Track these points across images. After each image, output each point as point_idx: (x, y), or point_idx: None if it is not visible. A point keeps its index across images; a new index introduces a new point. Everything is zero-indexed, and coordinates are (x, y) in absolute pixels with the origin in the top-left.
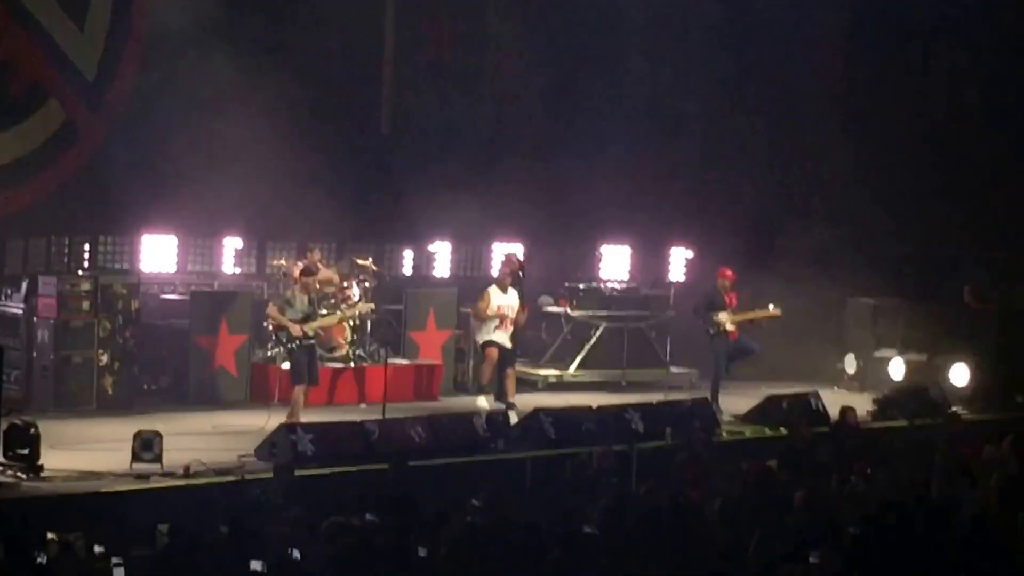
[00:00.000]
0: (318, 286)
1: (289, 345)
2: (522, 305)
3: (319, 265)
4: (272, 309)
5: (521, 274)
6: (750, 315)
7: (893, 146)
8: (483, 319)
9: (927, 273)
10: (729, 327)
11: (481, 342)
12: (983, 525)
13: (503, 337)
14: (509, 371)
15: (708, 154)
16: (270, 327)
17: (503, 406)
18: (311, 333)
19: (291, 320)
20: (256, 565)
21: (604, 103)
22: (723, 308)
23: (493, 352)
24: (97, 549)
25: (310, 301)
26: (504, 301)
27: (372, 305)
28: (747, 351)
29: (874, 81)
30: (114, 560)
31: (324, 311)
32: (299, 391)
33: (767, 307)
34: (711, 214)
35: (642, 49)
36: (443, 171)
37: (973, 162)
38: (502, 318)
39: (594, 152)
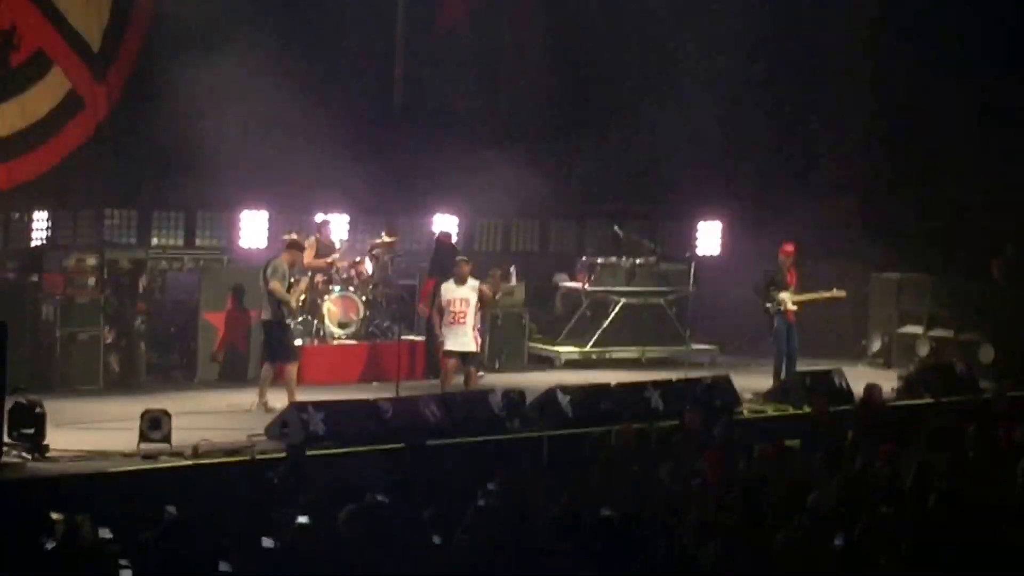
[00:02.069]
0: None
1: (288, 320)
2: (483, 299)
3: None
4: (277, 285)
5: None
6: (813, 296)
7: (922, 117)
8: (426, 316)
9: (954, 248)
10: (790, 307)
11: (443, 349)
12: (1013, 505)
13: (454, 343)
14: (467, 368)
15: (731, 126)
16: (267, 302)
17: None
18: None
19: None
20: (267, 542)
21: (621, 74)
22: (785, 286)
23: (448, 363)
24: (103, 533)
25: (289, 275)
26: (455, 295)
27: (306, 280)
28: (791, 345)
29: (906, 48)
30: (122, 562)
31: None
32: (295, 368)
33: (831, 289)
34: (737, 187)
35: (662, 20)
36: (457, 144)
37: (1004, 135)
38: (454, 314)
39: (610, 124)
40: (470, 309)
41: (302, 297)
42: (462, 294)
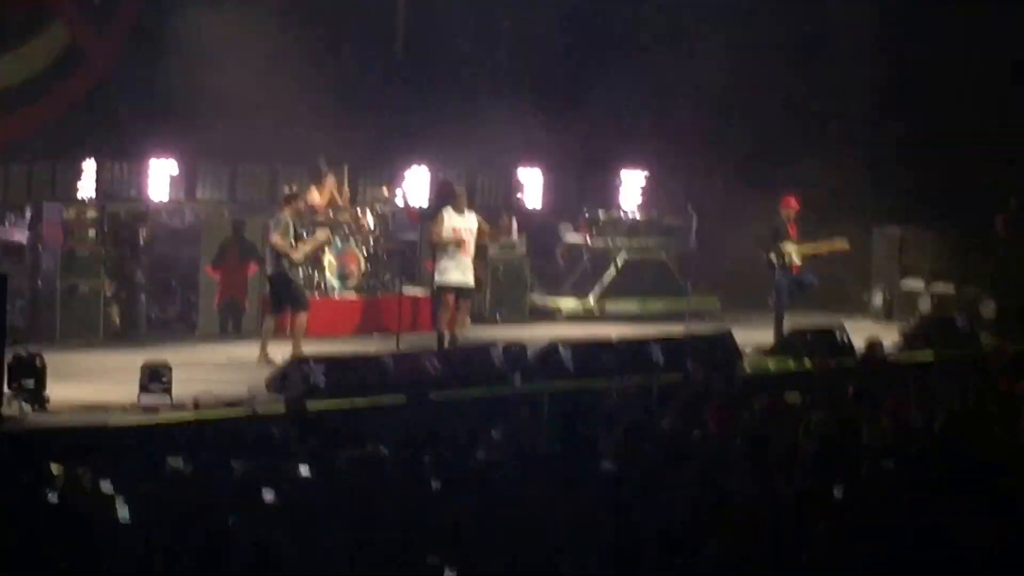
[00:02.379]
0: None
1: (291, 272)
2: (482, 230)
3: (326, 186)
4: (276, 238)
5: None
6: (817, 247)
7: (923, 69)
8: (438, 243)
9: (956, 202)
10: (795, 259)
11: (436, 285)
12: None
13: (458, 274)
14: (462, 303)
15: (735, 79)
16: (269, 255)
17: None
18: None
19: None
20: (268, 495)
21: (625, 30)
22: (788, 238)
23: (449, 299)
24: (104, 486)
25: (295, 228)
26: (460, 224)
27: (327, 232)
28: (806, 284)
29: (913, 7)
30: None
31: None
32: (305, 316)
33: (833, 240)
34: (739, 140)
35: None
36: (459, 96)
37: (1008, 91)
38: (459, 242)
39: (613, 79)
40: (472, 240)
41: (318, 248)
42: (466, 223)
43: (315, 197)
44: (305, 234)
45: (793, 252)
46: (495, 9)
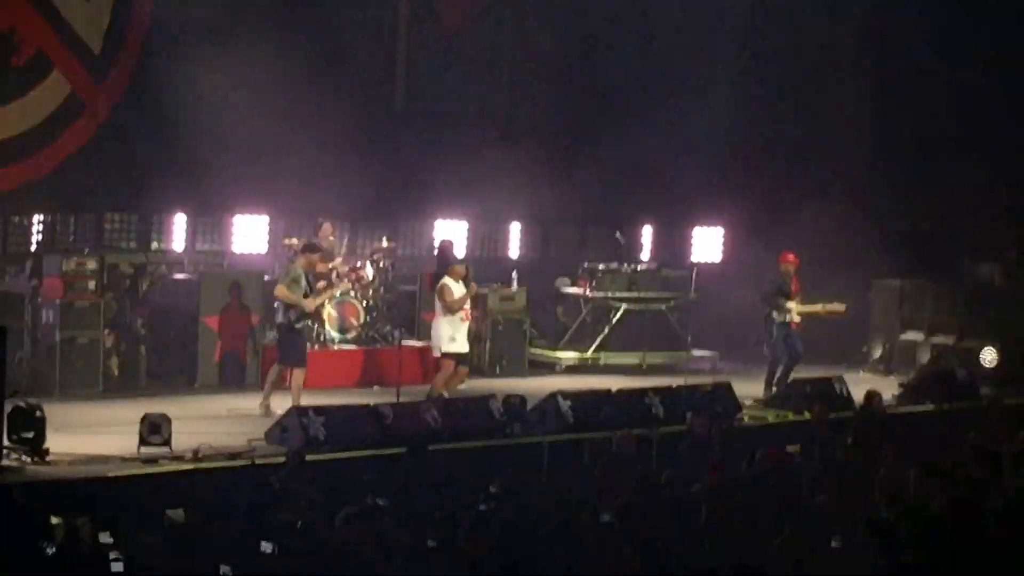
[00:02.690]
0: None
1: (298, 325)
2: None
3: (330, 239)
4: (281, 289)
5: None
6: (817, 308)
7: (924, 125)
8: (455, 311)
9: (955, 254)
10: (795, 318)
11: (443, 351)
12: (1014, 511)
13: (462, 341)
14: (462, 368)
15: (733, 134)
16: (277, 305)
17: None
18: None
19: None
20: (266, 547)
21: (623, 80)
22: (790, 296)
23: (451, 364)
24: (103, 538)
25: (308, 279)
26: (462, 292)
27: (348, 285)
28: (795, 350)
29: (907, 57)
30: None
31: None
32: (302, 374)
33: (833, 303)
34: (735, 194)
35: (666, 26)
36: (458, 149)
37: (1006, 139)
38: (466, 312)
39: (613, 130)
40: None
41: (320, 300)
42: (464, 292)
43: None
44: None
45: (794, 310)
46: (496, 63)
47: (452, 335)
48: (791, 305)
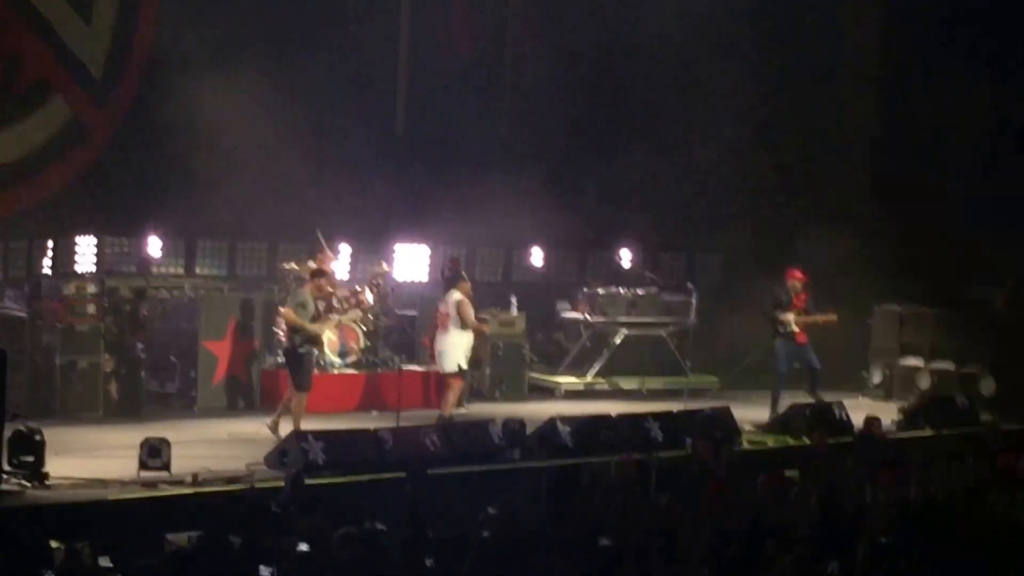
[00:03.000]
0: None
1: (302, 349)
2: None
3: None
4: (288, 312)
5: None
6: (815, 318)
7: (926, 150)
8: (475, 326)
9: (956, 281)
10: (794, 328)
11: (461, 367)
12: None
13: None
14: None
15: (733, 157)
16: (281, 332)
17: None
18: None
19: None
20: (265, 572)
21: (625, 104)
22: (788, 307)
23: (460, 382)
24: (103, 562)
25: (316, 304)
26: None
27: (358, 314)
28: (810, 365)
29: (911, 79)
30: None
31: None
32: (304, 398)
33: (827, 312)
34: (735, 219)
35: (663, 49)
36: (459, 173)
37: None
38: (485, 327)
39: (615, 154)
40: None
41: (330, 325)
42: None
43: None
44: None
45: (791, 321)
46: (496, 88)
47: (466, 351)
48: (789, 316)
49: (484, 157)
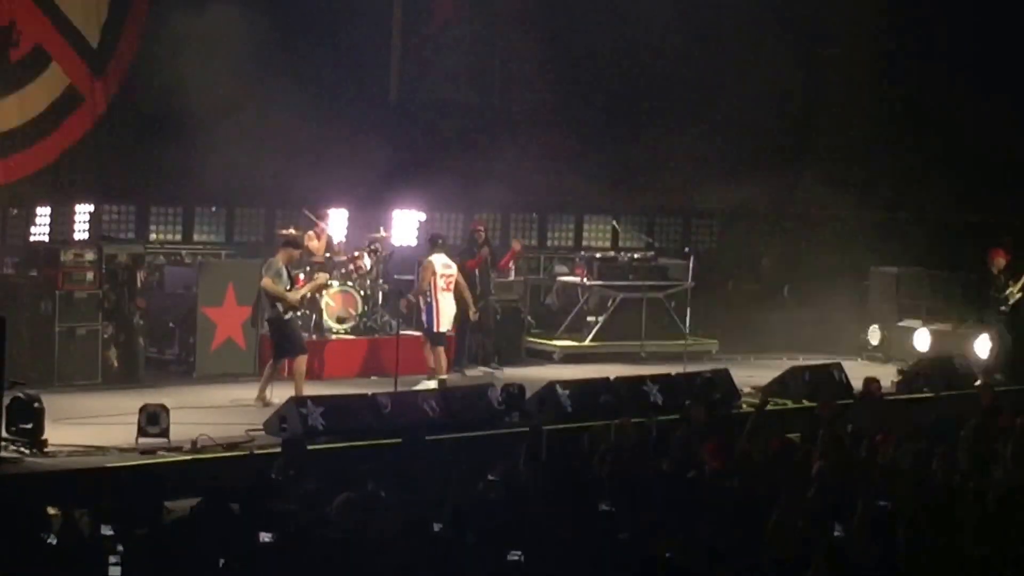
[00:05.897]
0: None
1: (287, 316)
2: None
3: (323, 233)
4: (268, 282)
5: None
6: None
7: (924, 113)
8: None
9: (952, 241)
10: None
11: (442, 330)
12: (1013, 498)
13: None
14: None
15: (731, 121)
16: (264, 299)
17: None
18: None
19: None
20: (265, 537)
21: (621, 69)
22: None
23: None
24: (105, 530)
25: (288, 272)
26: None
27: (326, 276)
28: None
29: (912, 46)
30: (111, 559)
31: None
32: (303, 361)
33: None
34: (732, 182)
35: (652, 20)
36: (454, 139)
37: (1000, 128)
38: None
39: (610, 118)
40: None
41: (316, 290)
42: (452, 270)
43: (313, 243)
44: (302, 276)
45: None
46: (489, 53)
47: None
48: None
49: (478, 124)
